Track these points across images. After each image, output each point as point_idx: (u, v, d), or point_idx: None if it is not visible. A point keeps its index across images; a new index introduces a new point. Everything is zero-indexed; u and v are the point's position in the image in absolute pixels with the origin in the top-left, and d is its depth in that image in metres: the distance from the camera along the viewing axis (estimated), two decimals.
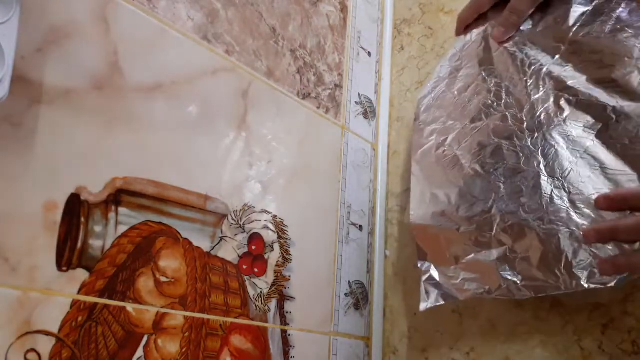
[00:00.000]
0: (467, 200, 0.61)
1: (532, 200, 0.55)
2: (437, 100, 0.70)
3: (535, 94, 0.59)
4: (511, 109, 0.60)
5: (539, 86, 0.59)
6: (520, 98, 0.60)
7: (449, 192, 0.63)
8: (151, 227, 0.50)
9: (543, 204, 0.54)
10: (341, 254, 0.71)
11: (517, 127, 0.59)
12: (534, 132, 0.57)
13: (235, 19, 0.62)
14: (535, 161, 0.56)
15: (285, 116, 0.67)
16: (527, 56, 0.61)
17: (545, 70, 0.59)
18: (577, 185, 0.52)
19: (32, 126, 0.43)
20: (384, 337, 0.73)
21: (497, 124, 0.61)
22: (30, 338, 0.41)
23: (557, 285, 0.51)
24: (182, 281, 0.52)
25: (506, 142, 0.59)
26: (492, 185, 0.59)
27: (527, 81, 0.60)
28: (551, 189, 0.54)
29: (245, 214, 0.60)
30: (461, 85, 0.67)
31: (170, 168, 0.53)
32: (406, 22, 0.87)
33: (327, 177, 0.72)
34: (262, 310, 0.59)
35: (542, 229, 0.53)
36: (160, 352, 0.49)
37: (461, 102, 0.66)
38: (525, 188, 0.56)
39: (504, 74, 0.63)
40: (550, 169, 0.55)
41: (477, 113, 0.64)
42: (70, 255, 0.44)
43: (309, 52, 0.73)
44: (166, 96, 0.54)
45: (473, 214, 0.60)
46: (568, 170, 0.53)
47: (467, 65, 0.68)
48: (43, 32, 0.45)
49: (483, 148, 0.61)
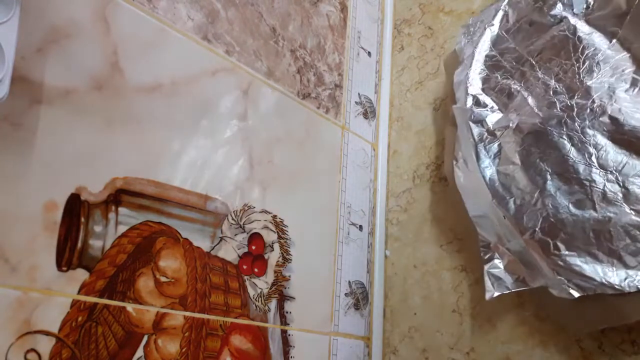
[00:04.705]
0: (513, 193, 0.58)
1: (582, 194, 0.53)
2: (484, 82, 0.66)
3: (589, 80, 0.56)
4: (561, 95, 0.58)
5: (593, 72, 0.56)
6: (571, 85, 0.57)
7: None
8: (151, 227, 0.50)
9: (595, 199, 0.52)
10: (341, 254, 0.71)
11: (567, 114, 0.56)
12: (584, 120, 0.55)
13: (235, 19, 0.62)
14: (586, 152, 0.54)
15: (285, 116, 0.67)
16: (580, 40, 0.58)
17: (600, 56, 0.56)
18: (633, 179, 0.50)
19: (32, 126, 0.43)
20: (384, 337, 0.73)
21: (545, 110, 0.58)
22: (30, 338, 0.41)
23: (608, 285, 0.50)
24: (182, 281, 0.52)
25: (554, 129, 0.57)
26: (537, 177, 0.57)
27: (579, 67, 0.57)
28: (604, 183, 0.52)
29: (245, 214, 0.60)
30: (505, 70, 0.64)
31: (170, 168, 0.53)
32: (406, 22, 0.87)
33: (327, 177, 0.72)
34: (262, 310, 0.59)
35: (591, 223, 0.52)
36: (160, 352, 0.49)
37: (505, 87, 0.63)
38: (575, 181, 0.54)
39: (554, 59, 0.60)
40: (604, 161, 0.53)
41: (522, 100, 0.61)
42: (70, 255, 0.44)
43: (309, 52, 0.72)
44: (166, 96, 0.54)
45: (517, 207, 0.57)
46: (623, 163, 0.52)
47: (510, 50, 0.64)
48: (43, 32, 0.45)
49: (527, 135, 0.59)
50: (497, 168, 0.60)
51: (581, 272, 0.51)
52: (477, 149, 0.61)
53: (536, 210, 0.56)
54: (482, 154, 0.61)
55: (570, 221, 0.54)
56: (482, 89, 0.65)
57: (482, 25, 0.68)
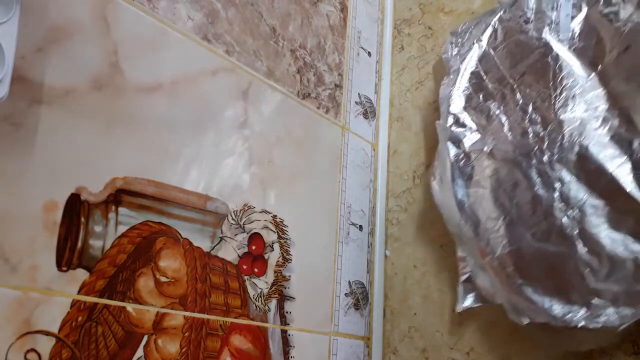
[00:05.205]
0: (479, 217, 0.61)
1: (542, 227, 0.55)
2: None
3: (563, 113, 0.57)
4: (535, 125, 0.59)
5: (568, 105, 0.57)
6: (546, 115, 0.58)
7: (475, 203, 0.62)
8: (151, 227, 0.50)
9: (553, 233, 0.54)
10: (341, 253, 0.71)
11: (538, 147, 0.58)
12: (553, 154, 0.56)
13: (235, 19, 0.62)
14: (551, 186, 0.55)
15: (285, 116, 0.67)
16: (560, 68, 0.59)
17: (577, 88, 0.57)
18: (590, 218, 0.52)
19: (32, 126, 0.43)
20: (384, 337, 0.73)
21: (518, 139, 0.60)
22: (30, 338, 0.41)
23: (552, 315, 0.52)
24: (182, 281, 0.52)
25: (524, 160, 0.58)
26: (503, 204, 0.59)
27: (556, 97, 0.58)
28: (563, 218, 0.54)
29: (245, 214, 0.60)
30: (487, 91, 0.65)
31: (170, 168, 0.53)
32: (406, 22, 0.87)
33: (327, 177, 0.72)
34: (262, 310, 0.59)
35: (547, 256, 0.54)
36: (160, 352, 0.49)
37: (485, 108, 0.64)
38: (537, 212, 0.56)
39: (533, 84, 0.61)
40: (566, 197, 0.54)
41: (499, 124, 0.62)
42: (70, 255, 0.44)
43: (309, 52, 0.72)
44: (166, 96, 0.54)
45: (482, 231, 0.60)
46: (583, 201, 0.53)
47: (494, 69, 0.65)
48: (43, 32, 0.45)
49: (499, 162, 0.60)
50: (468, 190, 0.62)
51: (531, 301, 0.54)
52: (452, 169, 0.64)
53: (498, 236, 0.58)
54: (456, 174, 0.64)
55: (528, 252, 0.56)
56: (464, 107, 0.66)
57: (470, 38, 0.69)
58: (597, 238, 0.51)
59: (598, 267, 0.51)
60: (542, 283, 0.54)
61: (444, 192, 0.64)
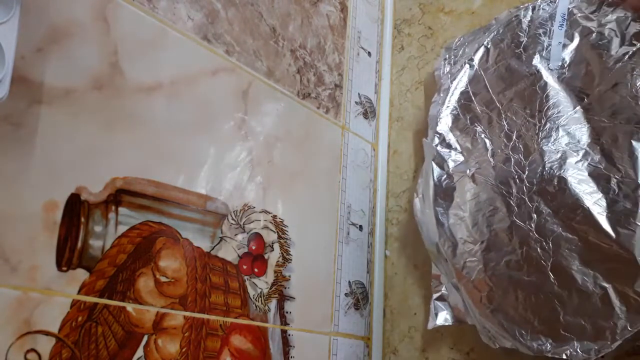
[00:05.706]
0: (457, 240, 0.61)
1: (516, 256, 0.56)
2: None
3: (545, 144, 0.57)
4: (518, 153, 0.59)
5: (551, 137, 0.57)
6: (529, 144, 0.58)
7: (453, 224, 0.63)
8: (151, 227, 0.50)
9: (526, 263, 0.55)
10: (341, 254, 0.71)
11: (518, 176, 0.58)
12: (532, 184, 0.57)
13: (235, 19, 0.62)
14: (527, 217, 0.56)
15: (285, 116, 0.67)
16: (547, 98, 0.59)
17: (562, 120, 0.57)
18: (562, 251, 0.52)
19: (32, 126, 0.43)
20: (384, 337, 0.73)
21: (500, 166, 0.60)
22: (30, 338, 0.41)
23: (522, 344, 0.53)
24: (182, 281, 0.52)
25: (503, 187, 0.59)
26: (481, 230, 0.59)
27: (540, 128, 0.58)
28: (537, 249, 0.54)
29: (245, 214, 0.60)
30: (474, 114, 0.66)
31: (170, 168, 0.53)
32: (406, 22, 0.87)
33: (327, 177, 0.72)
34: (262, 310, 0.59)
35: (519, 285, 0.55)
36: (160, 352, 0.49)
37: (471, 131, 0.65)
38: (512, 241, 0.56)
39: (520, 111, 0.61)
40: (542, 229, 0.55)
41: (483, 148, 0.62)
42: (70, 255, 0.44)
43: (309, 52, 0.73)
44: (166, 96, 0.54)
45: (459, 253, 0.61)
46: (555, 234, 0.53)
47: (483, 91, 0.66)
48: (43, 32, 0.45)
49: (479, 187, 0.61)
50: (448, 212, 0.63)
51: (502, 326, 0.55)
52: (435, 189, 0.64)
53: (473, 261, 0.59)
54: (438, 194, 0.64)
55: (501, 279, 0.57)
56: (451, 128, 0.67)
57: (463, 56, 0.70)
58: (568, 272, 0.52)
59: (568, 300, 0.51)
60: (513, 311, 0.55)
61: (424, 210, 0.65)
